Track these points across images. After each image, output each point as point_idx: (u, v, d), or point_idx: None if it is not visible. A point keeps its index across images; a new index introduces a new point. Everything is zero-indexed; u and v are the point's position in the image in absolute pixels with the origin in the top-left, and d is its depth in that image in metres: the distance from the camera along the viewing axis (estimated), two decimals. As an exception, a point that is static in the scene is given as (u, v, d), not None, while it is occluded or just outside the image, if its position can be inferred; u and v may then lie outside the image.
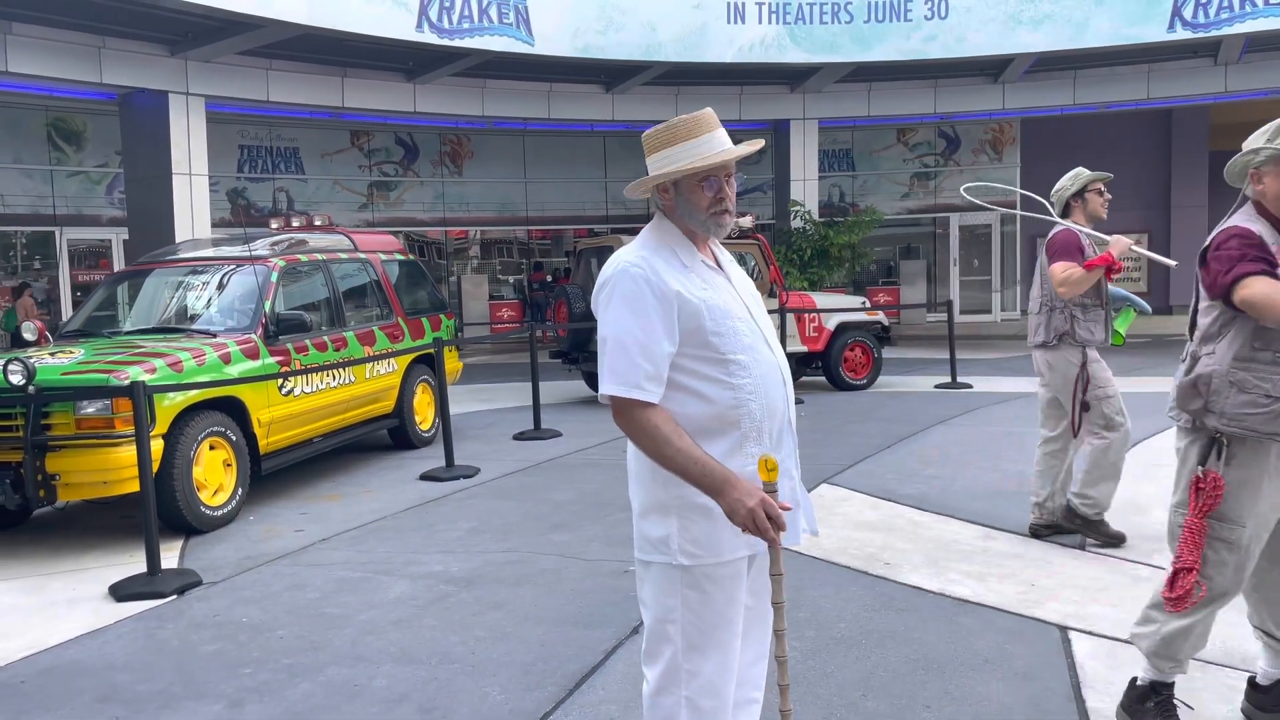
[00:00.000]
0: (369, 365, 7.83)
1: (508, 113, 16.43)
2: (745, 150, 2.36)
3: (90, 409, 5.59)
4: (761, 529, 2.17)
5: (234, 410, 6.38)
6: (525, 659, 3.92)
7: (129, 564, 5.40)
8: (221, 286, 7.19)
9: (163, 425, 5.77)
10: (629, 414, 2.25)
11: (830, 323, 11.41)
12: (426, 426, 8.75)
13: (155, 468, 5.59)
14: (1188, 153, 21.19)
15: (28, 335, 6.95)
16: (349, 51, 13.78)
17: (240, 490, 6.32)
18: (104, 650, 4.23)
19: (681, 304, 2.25)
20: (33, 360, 5.68)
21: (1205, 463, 2.87)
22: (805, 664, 3.73)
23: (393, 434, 8.52)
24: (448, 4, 13.17)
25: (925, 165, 21.15)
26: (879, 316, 11.71)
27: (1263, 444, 2.83)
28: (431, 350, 8.36)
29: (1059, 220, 5.18)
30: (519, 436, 8.92)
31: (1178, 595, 2.86)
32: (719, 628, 2.33)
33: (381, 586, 4.88)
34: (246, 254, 7.30)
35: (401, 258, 9.11)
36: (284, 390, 6.82)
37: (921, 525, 5.56)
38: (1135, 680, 3.13)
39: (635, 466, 2.39)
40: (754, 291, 2.49)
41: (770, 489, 2.21)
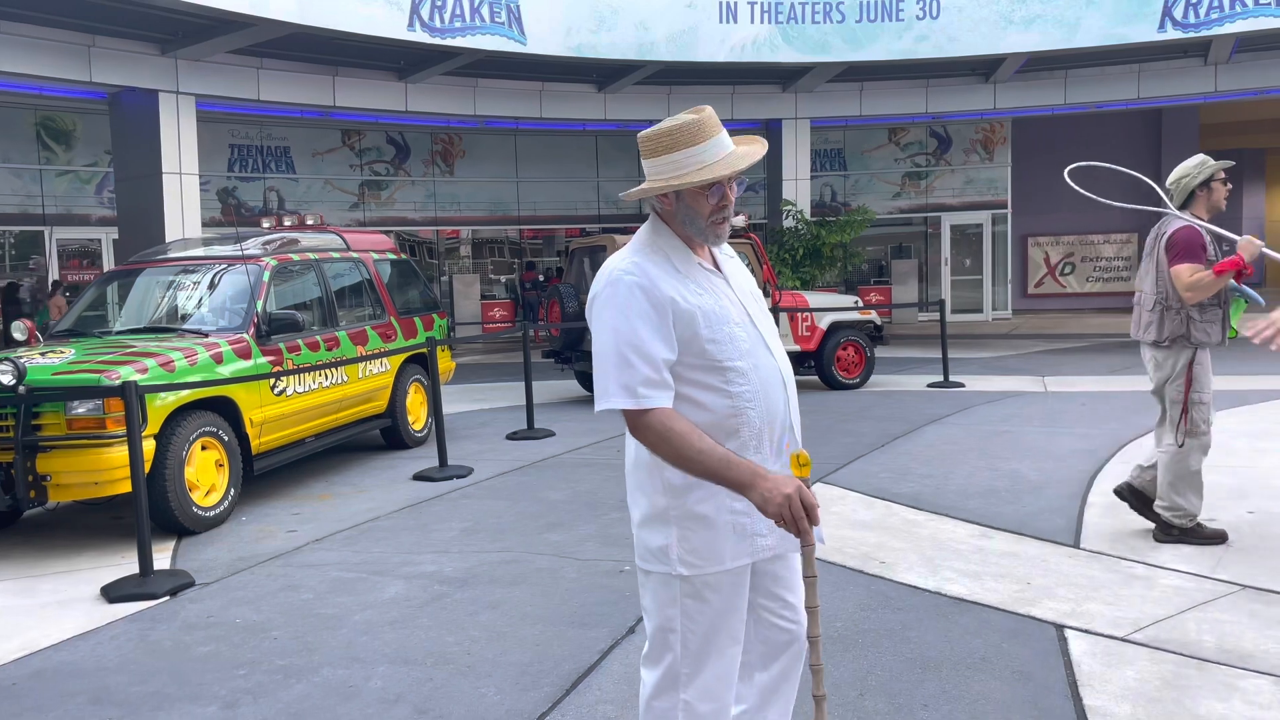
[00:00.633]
0: (361, 365, 7.80)
1: (499, 112, 16.40)
2: (754, 159, 2.29)
3: (81, 409, 5.55)
4: (797, 518, 2.10)
5: (226, 410, 6.35)
6: (521, 659, 3.90)
7: (121, 565, 5.37)
8: (213, 286, 7.15)
9: (154, 425, 5.74)
10: (639, 424, 2.18)
11: (823, 322, 11.41)
12: (419, 426, 8.73)
13: (147, 468, 5.56)
14: (1178, 152, 21.18)
15: (18, 335, 6.90)
16: (340, 50, 13.73)
17: (233, 490, 6.29)
18: (96, 652, 4.20)
19: (676, 311, 2.19)
20: (23, 360, 5.64)
21: None
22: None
23: (385, 434, 8.49)
24: (439, 3, 13.13)
25: (917, 165, 21.18)
26: (872, 316, 11.72)
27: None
28: (424, 350, 8.33)
29: (1178, 214, 4.97)
30: (512, 436, 8.90)
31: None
32: (719, 635, 2.30)
33: (376, 587, 4.86)
34: (238, 253, 7.26)
35: (394, 257, 9.08)
36: (276, 390, 6.79)
37: (916, 524, 5.56)
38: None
39: (634, 475, 2.36)
40: (755, 291, 2.42)
41: (805, 484, 2.17)
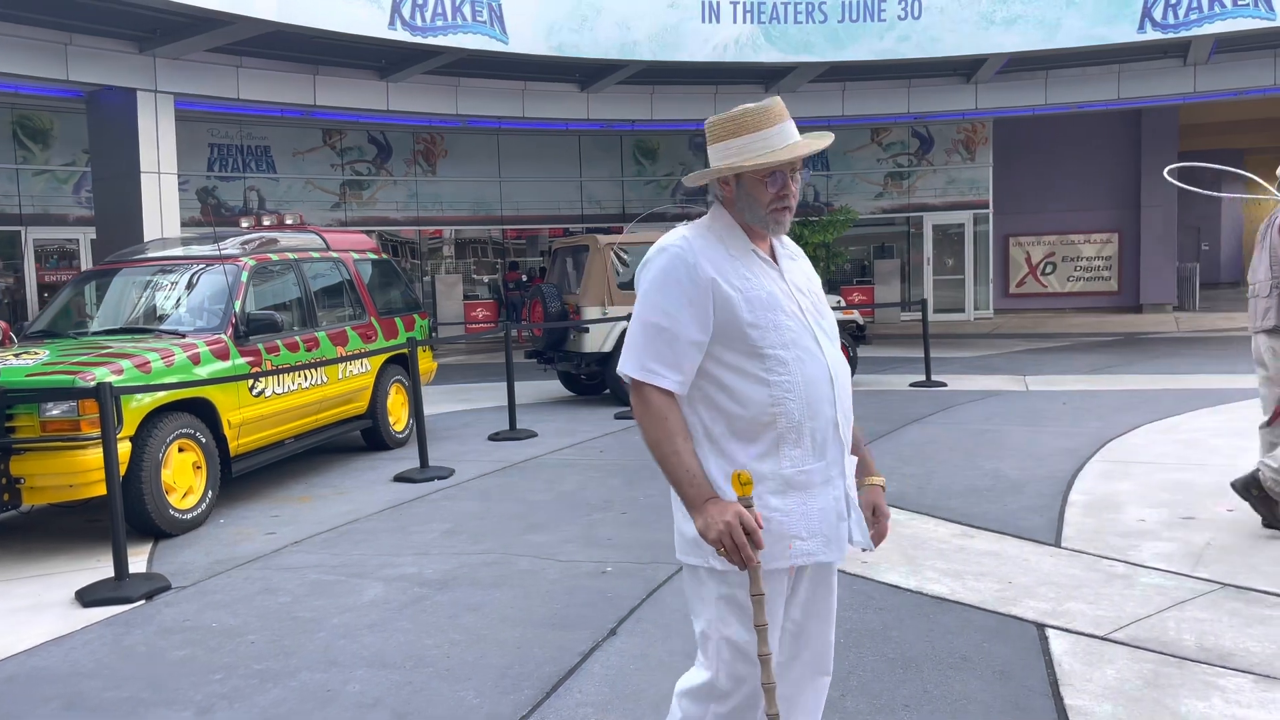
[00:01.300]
0: (341, 365, 7.74)
1: (482, 111, 16.33)
2: (816, 146, 2.24)
3: (56, 411, 5.48)
4: (739, 545, 2.04)
5: (203, 412, 6.28)
6: (501, 662, 3.87)
7: (96, 569, 5.30)
8: (191, 286, 7.08)
9: (130, 427, 5.67)
10: (640, 395, 2.18)
11: (806, 322, 11.41)
12: (400, 427, 8.67)
13: (123, 470, 5.50)
14: (1157, 152, 21.38)
15: (-9, 336, 6.81)
16: (321, 49, 13.63)
17: (210, 493, 6.22)
18: (70, 657, 4.14)
19: (716, 292, 2.15)
20: (-4, 361, 5.56)
21: None
22: (784, 664, 3.70)
23: (366, 435, 8.44)
24: (420, 2, 13.06)
25: (899, 165, 21.24)
26: (854, 315, 11.73)
27: None
28: (405, 350, 8.28)
29: None
30: (494, 437, 8.85)
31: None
32: (753, 646, 2.20)
33: (355, 589, 4.81)
34: (216, 253, 7.19)
35: (375, 257, 9.02)
36: (255, 391, 6.72)
37: (898, 523, 5.55)
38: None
39: None
40: (815, 290, 2.35)
41: (745, 504, 2.08)
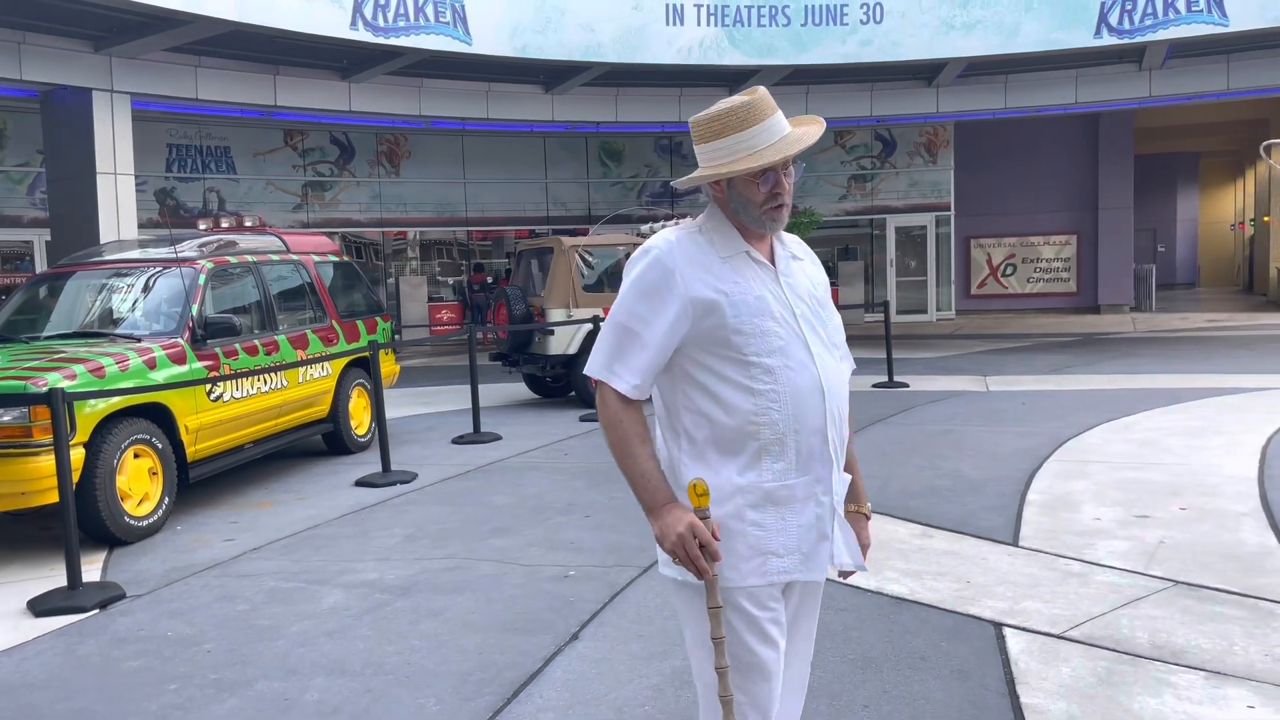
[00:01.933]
0: (302, 369, 7.66)
1: (445, 112, 16.24)
2: (805, 142, 2.13)
3: (7, 417, 5.38)
4: (692, 558, 1.98)
5: (160, 417, 6.19)
6: (462, 668, 3.85)
7: (49, 577, 5.20)
8: (147, 289, 6.97)
9: (84, 433, 5.58)
10: (602, 396, 2.13)
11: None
12: (362, 431, 8.60)
13: (76, 477, 5.40)
14: (1114, 155, 21.74)
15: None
16: (281, 49, 13.49)
17: (167, 499, 6.13)
18: (21, 668, 4.06)
19: (697, 297, 2.07)
20: (-56, 367, 5.44)
21: None
22: (745, 666, 3.72)
23: (327, 439, 8.35)
24: (382, 2, 12.96)
25: (862, 167, 21.40)
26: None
27: None
28: (367, 353, 8.21)
29: None
30: (458, 440, 8.81)
31: None
32: (739, 662, 2.10)
33: (314, 596, 4.77)
34: (173, 256, 7.09)
35: (336, 259, 8.94)
36: (213, 396, 6.64)
37: (860, 524, 5.58)
38: None
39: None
40: (817, 295, 2.23)
41: (702, 514, 2.02)
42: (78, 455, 5.48)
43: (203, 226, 8.37)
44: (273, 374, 7.25)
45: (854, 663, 3.74)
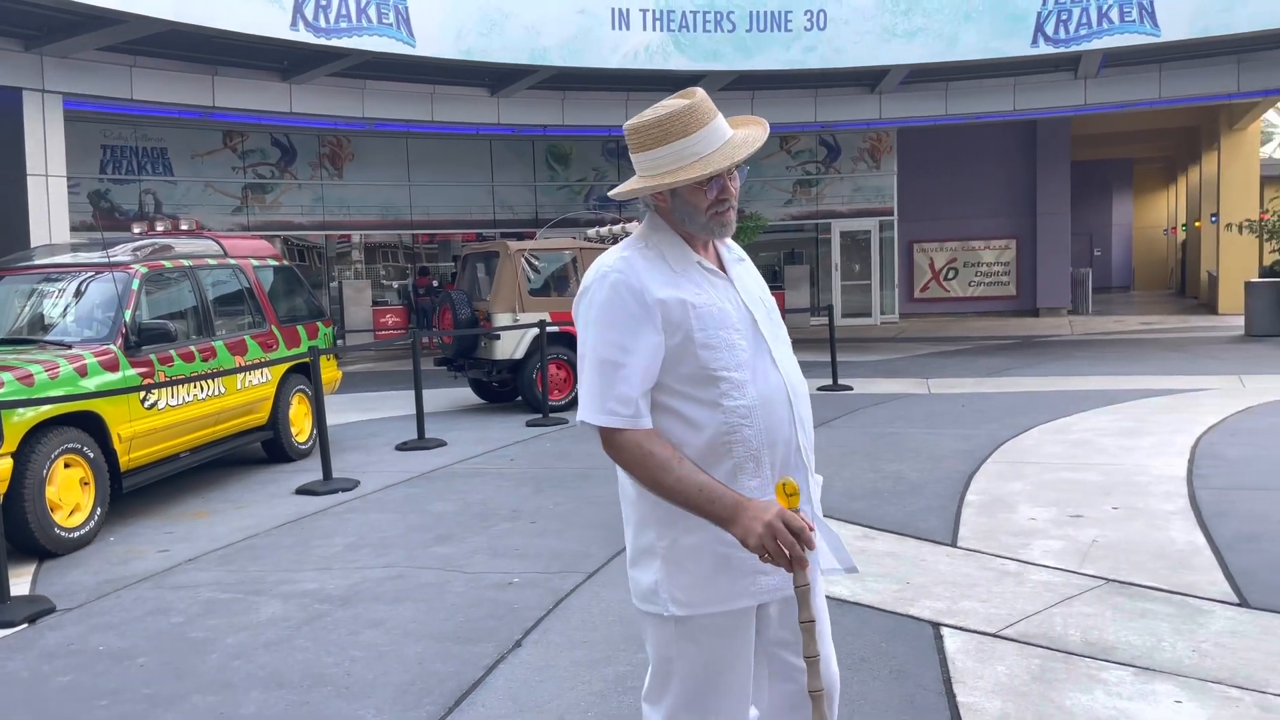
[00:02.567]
0: (240, 376, 7.52)
1: (389, 115, 16.08)
2: (754, 146, 2.06)
3: (-71, 427, 5.20)
4: (785, 546, 1.87)
5: (92, 425, 6.04)
6: (402, 678, 3.81)
7: (-26, 592, 5.05)
8: (79, 295, 6.81)
9: (11, 443, 5.41)
10: (613, 443, 1.99)
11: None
12: (303, 438, 8.47)
13: (3, 488, 5.26)
14: (1051, 162, 22.22)
15: None
16: (219, 49, 13.25)
17: (99, 510, 5.99)
18: (-58, 687, 3.93)
19: (665, 313, 1.99)
20: None
21: None
22: (687, 671, 3.73)
23: (267, 447, 8.21)
24: (324, 3, 12.80)
25: (807, 172, 21.61)
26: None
27: None
28: (308, 359, 8.09)
29: None
30: (402, 447, 8.72)
31: None
32: (718, 683, 2.08)
33: (251, 607, 4.68)
34: (105, 260, 6.93)
35: (275, 263, 8.80)
36: (147, 403, 6.49)
37: (802, 527, 5.64)
38: None
39: (624, 506, 2.18)
40: (765, 297, 2.19)
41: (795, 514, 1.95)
42: (5, 465, 5.33)
43: (137, 230, 8.20)
44: (210, 381, 7.11)
45: (795, 665, 3.76)
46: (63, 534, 5.70)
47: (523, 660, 3.93)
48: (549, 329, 10.16)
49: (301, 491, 7.10)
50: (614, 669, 3.78)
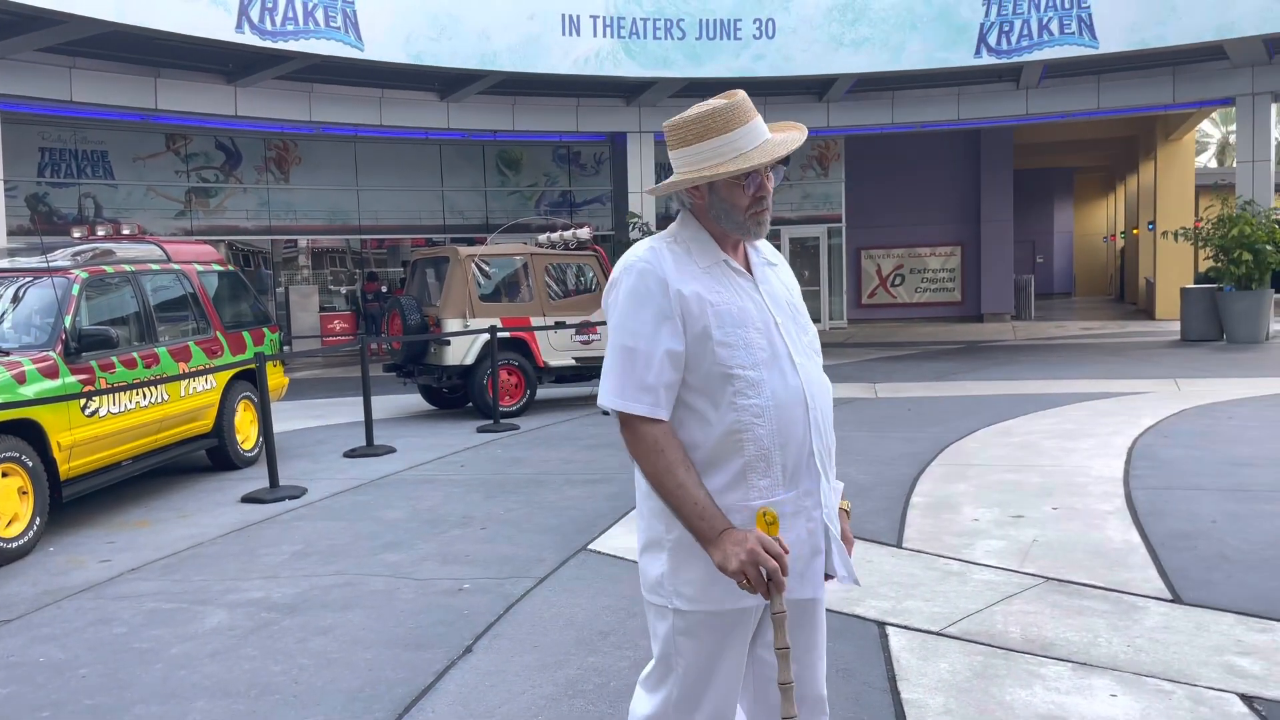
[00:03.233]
0: (184, 382, 7.41)
1: (337, 119, 15.94)
2: (792, 146, 2.10)
3: None
4: (769, 574, 1.91)
5: (30, 433, 5.90)
6: (352, 685, 3.78)
7: (-94, 606, 4.92)
8: (16, 300, 6.65)
9: (-54, 452, 5.29)
10: (630, 428, 2.04)
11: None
12: (248, 446, 8.35)
13: (-63, 499, 5.12)
14: (995, 170, 22.67)
15: None
16: (162, 51, 13.05)
17: (38, 520, 5.85)
18: (-127, 703, 3.82)
19: (685, 307, 2.02)
20: None
21: None
22: (639, 673, 3.74)
23: (212, 455, 8.09)
24: (270, 5, 12.66)
25: (757, 179, 21.79)
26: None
27: None
28: (253, 366, 7.99)
29: None
30: (350, 454, 8.64)
31: None
32: (715, 678, 2.12)
33: (196, 617, 4.62)
34: (44, 265, 6.78)
35: (220, 268, 8.67)
36: (88, 411, 6.37)
37: (752, 530, 5.69)
38: None
39: (639, 495, 2.19)
40: (794, 302, 2.21)
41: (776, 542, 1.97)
42: (-62, 475, 5.20)
43: (77, 234, 8.03)
44: (152, 388, 6.99)
45: (744, 666, 3.81)
46: (1, 544, 5.56)
47: (473, 666, 3.93)
48: (500, 334, 10.14)
49: (247, 500, 7.01)
50: (565, 673, 3.80)
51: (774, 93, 17.39)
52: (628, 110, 17.64)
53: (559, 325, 10.78)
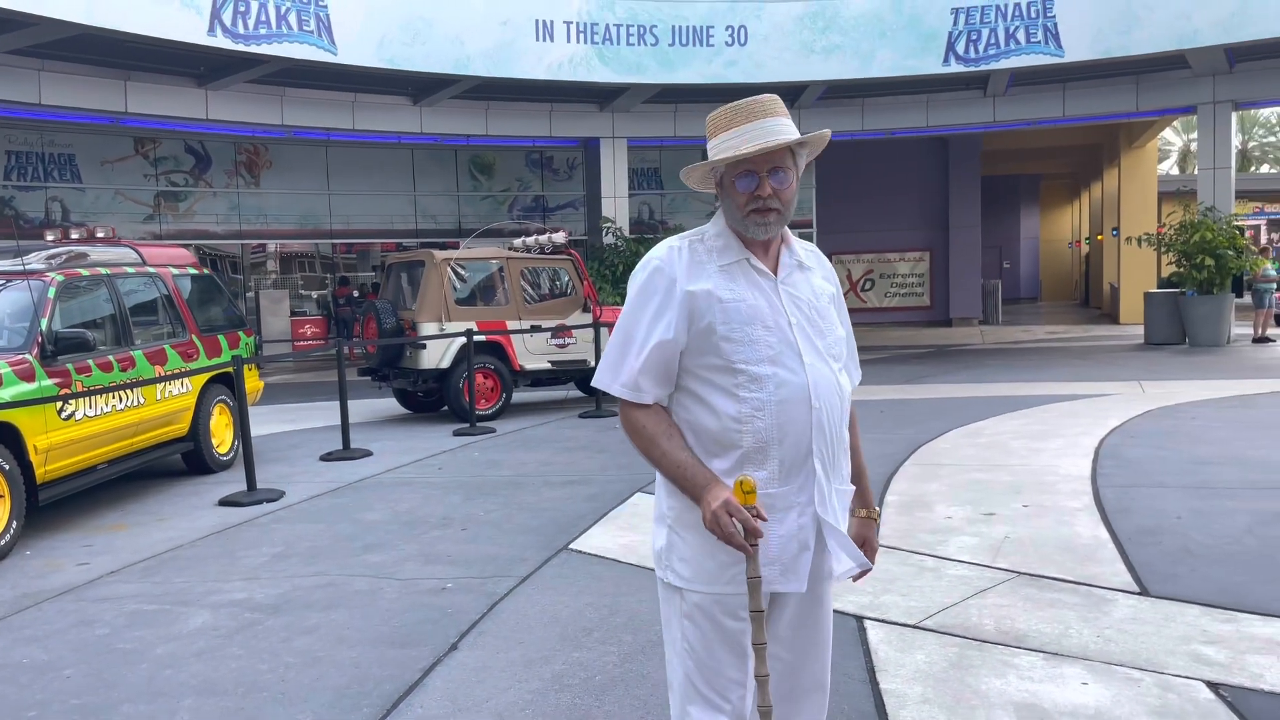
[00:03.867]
0: (160, 386, 7.38)
1: (309, 122, 15.89)
2: (781, 138, 2.08)
3: None
4: (726, 535, 1.99)
5: (6, 437, 5.87)
6: (339, 683, 3.82)
7: (-118, 610, 4.88)
8: (-10, 303, 6.61)
9: (-79, 455, 5.25)
10: (621, 411, 2.19)
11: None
12: (224, 450, 8.33)
13: (-87, 502, 5.08)
14: (963, 177, 22.98)
15: None
16: (133, 54, 12.97)
17: (15, 523, 5.82)
18: None
19: (693, 303, 2.09)
20: None
21: None
22: (623, 667, 3.82)
23: (187, 458, 8.05)
24: (243, 8, 12.62)
25: (728, 184, 21.94)
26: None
27: None
28: (229, 369, 7.97)
29: None
30: (326, 457, 8.63)
31: None
32: (715, 669, 2.14)
33: (179, 618, 4.62)
34: (20, 268, 6.74)
35: (195, 272, 8.65)
36: (64, 414, 6.34)
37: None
38: None
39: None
40: (818, 303, 2.21)
41: (750, 511, 2.02)
42: (-86, 479, 5.16)
43: (51, 238, 7.98)
44: (129, 391, 6.97)
45: (726, 660, 3.88)
46: (-24, 549, 5.53)
47: (459, 662, 3.98)
48: (476, 338, 10.17)
49: (225, 503, 6.99)
50: (551, 668, 3.85)
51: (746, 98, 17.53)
52: (601, 115, 17.72)
53: (535, 329, 10.83)
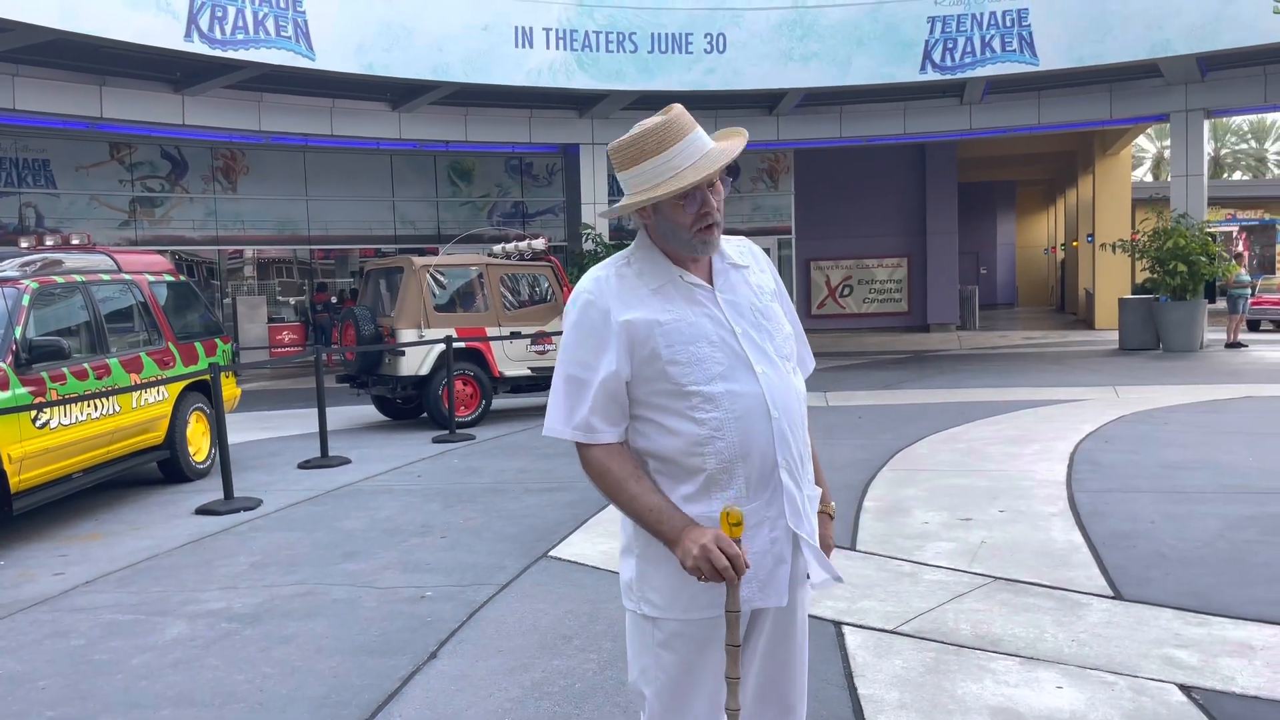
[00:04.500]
0: (136, 394, 7.33)
1: (287, 128, 15.83)
2: (731, 155, 2.08)
3: None
4: (719, 569, 1.90)
5: (-21, 446, 5.82)
6: (317, 692, 3.80)
7: None
8: (-38, 310, 6.54)
9: (-108, 465, 5.19)
10: (581, 456, 2.06)
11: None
12: (201, 458, 8.27)
13: (-116, 512, 5.02)
14: (939, 184, 23.15)
15: None
16: (108, 59, 12.88)
17: (-13, 533, 5.77)
18: None
19: (631, 332, 2.01)
20: None
21: None
22: (603, 674, 3.83)
23: (164, 467, 8.00)
24: (220, 14, 12.56)
25: (708, 191, 22.01)
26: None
27: None
28: (206, 376, 7.93)
29: None
30: (305, 465, 8.59)
31: None
32: (692, 696, 2.08)
33: (155, 628, 4.59)
34: (-8, 275, 6.68)
35: (171, 279, 8.59)
36: (38, 423, 6.28)
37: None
38: None
39: None
40: (759, 303, 2.14)
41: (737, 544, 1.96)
42: (-115, 489, 5.10)
43: (24, 244, 7.91)
44: (104, 399, 6.91)
45: (706, 666, 3.89)
46: (-52, 559, 5.47)
47: (439, 671, 3.97)
48: (455, 345, 10.15)
49: (202, 511, 6.95)
50: (530, 676, 3.85)
51: (725, 106, 17.61)
52: (580, 122, 17.75)
53: (514, 335, 10.82)
